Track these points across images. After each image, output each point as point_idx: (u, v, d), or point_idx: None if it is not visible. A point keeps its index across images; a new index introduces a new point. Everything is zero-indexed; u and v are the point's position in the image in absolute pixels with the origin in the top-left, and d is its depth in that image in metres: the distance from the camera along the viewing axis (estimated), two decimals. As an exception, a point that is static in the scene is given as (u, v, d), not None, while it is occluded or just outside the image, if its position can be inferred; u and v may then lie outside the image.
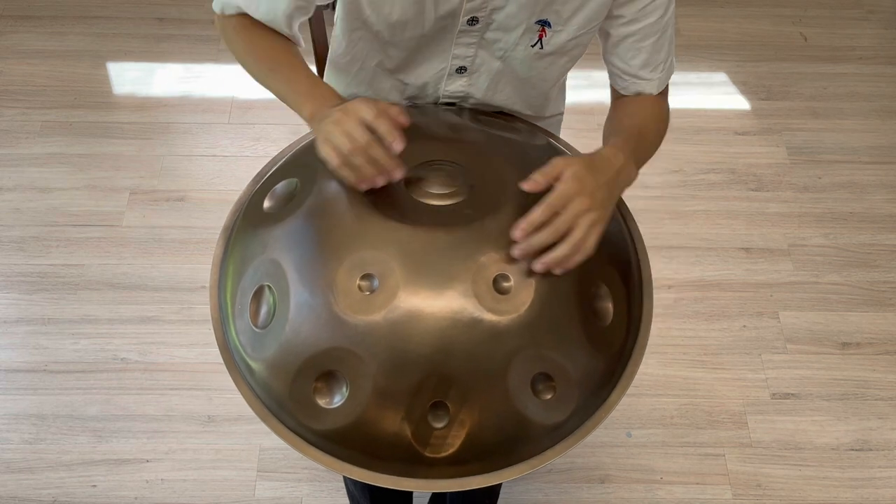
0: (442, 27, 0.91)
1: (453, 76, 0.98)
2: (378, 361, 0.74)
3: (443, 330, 0.74)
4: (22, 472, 1.58)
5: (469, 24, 0.90)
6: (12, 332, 1.76)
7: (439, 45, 0.94)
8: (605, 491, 1.59)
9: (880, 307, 1.85)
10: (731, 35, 2.43)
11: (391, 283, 0.75)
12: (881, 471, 1.63)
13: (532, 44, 0.93)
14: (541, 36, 0.92)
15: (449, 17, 0.89)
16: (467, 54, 0.94)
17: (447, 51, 0.94)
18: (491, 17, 0.90)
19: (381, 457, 0.76)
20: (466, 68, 0.96)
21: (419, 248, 0.77)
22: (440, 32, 0.92)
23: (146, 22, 2.39)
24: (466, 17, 0.89)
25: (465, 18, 0.89)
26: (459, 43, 0.93)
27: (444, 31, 0.91)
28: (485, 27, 0.91)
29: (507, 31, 0.91)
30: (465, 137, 0.94)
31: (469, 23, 0.90)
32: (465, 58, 0.95)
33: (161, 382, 1.69)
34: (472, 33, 0.92)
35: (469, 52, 0.94)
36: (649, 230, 1.95)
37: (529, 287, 0.76)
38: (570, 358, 0.78)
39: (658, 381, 1.73)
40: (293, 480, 1.58)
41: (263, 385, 0.80)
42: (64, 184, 2.00)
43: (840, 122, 2.21)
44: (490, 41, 0.93)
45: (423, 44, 0.93)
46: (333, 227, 0.80)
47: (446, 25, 0.90)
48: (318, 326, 0.76)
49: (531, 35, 0.92)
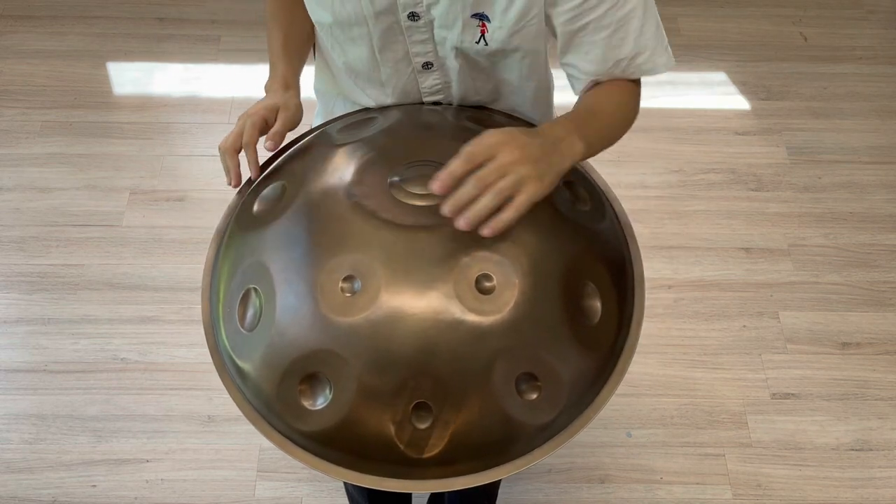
0: (388, 25, 0.92)
1: (423, 72, 0.98)
2: (361, 363, 0.74)
3: (425, 331, 0.74)
4: (22, 472, 1.58)
5: (410, 19, 0.90)
6: (12, 332, 1.76)
7: (395, 44, 0.94)
8: (605, 491, 1.59)
9: (880, 307, 1.85)
10: (731, 35, 2.43)
11: (373, 285, 0.75)
12: (881, 471, 1.63)
13: (476, 40, 0.92)
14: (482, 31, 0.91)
15: (389, 14, 0.90)
16: (426, 50, 0.95)
17: (406, 50, 0.95)
18: (430, 14, 0.90)
19: (367, 457, 0.76)
20: (432, 63, 0.97)
21: (401, 249, 0.77)
22: (388, 31, 0.92)
23: (146, 22, 2.39)
24: (405, 12, 0.90)
25: (405, 14, 0.90)
26: (413, 41, 0.93)
27: (392, 30, 0.92)
28: (429, 23, 0.91)
29: (449, 28, 0.91)
30: (449, 136, 0.94)
31: (410, 18, 0.90)
32: (425, 54, 0.95)
33: (161, 382, 1.69)
34: (420, 30, 0.92)
35: (427, 48, 0.94)
36: (649, 230, 1.98)
37: (513, 287, 0.76)
38: (556, 357, 0.78)
39: (658, 381, 1.73)
40: (293, 480, 1.58)
41: (253, 387, 0.80)
42: (64, 184, 2.00)
43: (840, 122, 2.21)
44: (441, 39, 0.93)
45: (379, 44, 0.94)
46: (317, 230, 0.81)
47: (390, 24, 0.91)
48: (302, 328, 0.77)
49: (472, 30, 0.91)
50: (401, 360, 0.74)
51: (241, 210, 0.91)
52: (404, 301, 0.75)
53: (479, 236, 0.74)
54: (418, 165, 0.85)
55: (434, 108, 1.01)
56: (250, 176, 0.93)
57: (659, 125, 2.18)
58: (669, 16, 2.46)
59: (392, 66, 0.97)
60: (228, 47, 2.33)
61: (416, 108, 1.01)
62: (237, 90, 2.22)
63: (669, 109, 2.23)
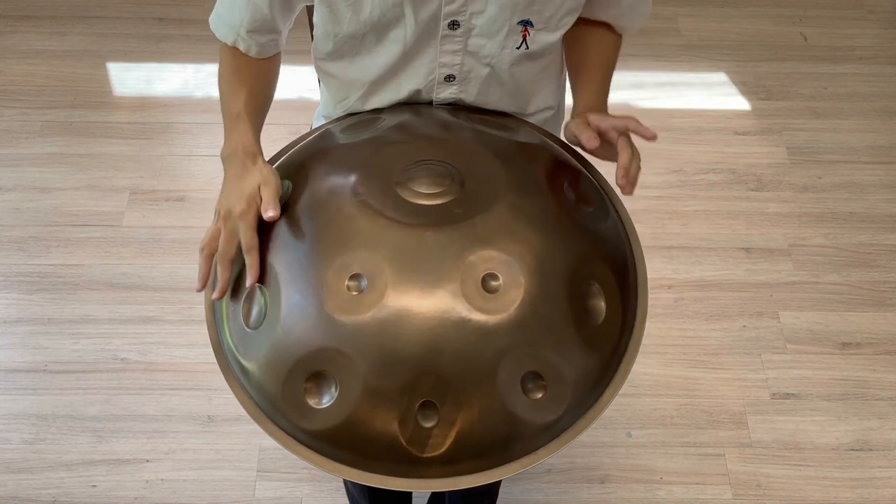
0: (424, 32, 0.90)
1: (443, 84, 0.97)
2: (367, 361, 0.74)
3: (431, 329, 0.74)
4: (22, 472, 1.58)
5: (451, 27, 0.90)
6: (12, 332, 1.76)
7: (424, 51, 0.93)
8: (605, 491, 1.59)
9: (880, 307, 1.85)
10: (731, 35, 2.43)
11: (380, 283, 0.75)
12: (881, 471, 1.63)
13: (517, 46, 0.92)
14: (524, 36, 0.91)
15: (430, 21, 0.89)
16: (454, 62, 0.94)
17: (434, 59, 0.94)
18: (472, 23, 0.89)
19: (371, 456, 0.76)
20: (455, 76, 0.96)
21: (408, 247, 0.77)
22: (423, 38, 0.91)
23: (146, 22, 2.39)
24: (447, 20, 0.89)
25: (446, 22, 0.89)
26: (444, 51, 0.92)
27: (427, 36, 0.91)
28: (467, 32, 0.90)
29: (490, 37, 0.91)
30: (456, 136, 0.94)
31: (450, 27, 0.89)
32: (452, 66, 0.94)
33: (161, 382, 1.69)
34: (455, 39, 0.91)
35: (455, 59, 0.94)
36: (649, 230, 1.98)
37: (519, 286, 0.76)
38: (561, 357, 0.78)
39: (658, 381, 1.73)
40: (293, 480, 1.58)
41: (256, 386, 0.80)
42: (64, 184, 2.00)
43: (840, 122, 2.21)
44: (475, 48, 0.92)
45: (407, 51, 0.93)
46: (323, 228, 0.80)
47: (429, 30, 0.90)
48: (307, 327, 0.76)
49: (515, 37, 0.91)
50: (407, 359, 0.74)
51: None
52: (411, 300, 0.75)
53: (485, 235, 0.75)
54: (424, 164, 0.84)
55: (442, 108, 1.01)
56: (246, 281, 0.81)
57: (659, 125, 2.18)
58: (669, 16, 2.46)
59: (414, 72, 0.96)
60: (228, 47, 2.33)
61: (421, 107, 1.01)
62: (237, 90, 2.22)
63: (669, 109, 2.23)
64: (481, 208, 0.80)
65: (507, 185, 0.82)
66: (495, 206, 0.80)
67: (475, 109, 1.02)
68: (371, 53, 0.95)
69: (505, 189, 0.81)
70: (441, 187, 0.82)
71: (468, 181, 0.83)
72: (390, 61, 0.95)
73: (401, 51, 0.93)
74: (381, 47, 0.94)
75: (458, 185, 0.83)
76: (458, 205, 0.81)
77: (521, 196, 0.82)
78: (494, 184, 0.83)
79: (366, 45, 0.94)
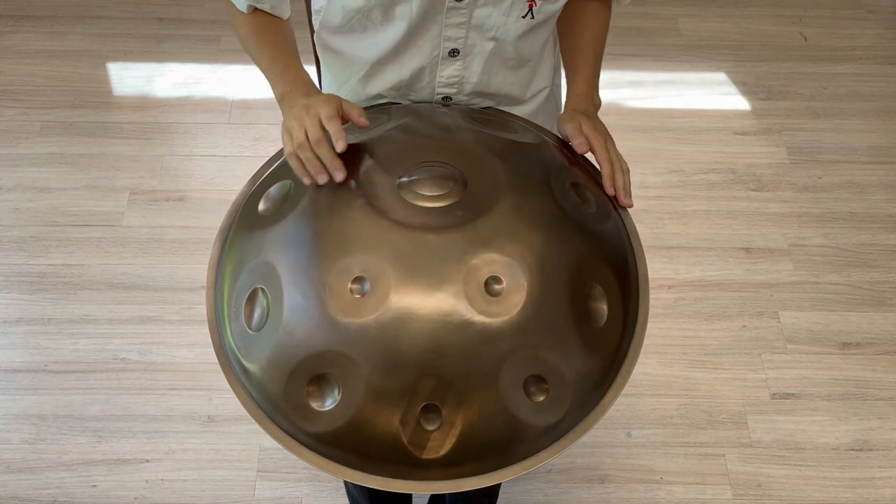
0: (430, 5, 0.91)
1: (447, 60, 0.98)
2: (370, 364, 0.74)
3: (434, 332, 0.74)
4: (22, 472, 1.58)
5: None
6: (12, 332, 1.76)
7: (429, 28, 0.94)
8: (605, 491, 1.59)
9: (880, 307, 1.85)
10: (731, 35, 2.43)
11: (383, 286, 0.75)
12: (881, 471, 1.63)
13: (523, 14, 0.93)
14: (531, 6, 0.92)
15: None
16: (458, 35, 0.94)
17: (438, 35, 0.94)
18: None
19: (374, 458, 0.76)
20: (459, 51, 0.96)
21: (411, 250, 0.77)
22: (429, 12, 0.92)
23: (146, 22, 2.39)
24: None
25: None
26: (449, 24, 0.93)
27: (433, 10, 0.91)
28: (473, 3, 0.91)
29: (495, 5, 0.91)
30: (458, 138, 0.94)
31: None
32: (456, 39, 0.95)
33: (161, 382, 1.69)
34: (460, 11, 0.91)
35: (460, 32, 0.94)
36: (649, 230, 1.98)
37: (521, 289, 0.76)
38: (563, 359, 0.78)
39: (658, 381, 1.73)
40: (293, 480, 1.58)
41: (258, 387, 0.80)
42: (64, 184, 2.00)
43: (840, 122, 2.21)
44: (479, 21, 0.93)
45: (415, 23, 0.93)
46: (326, 230, 0.80)
47: (434, 3, 0.91)
48: (310, 329, 0.76)
49: (521, 5, 0.92)
50: (410, 362, 0.74)
51: (246, 208, 0.90)
52: (413, 302, 0.75)
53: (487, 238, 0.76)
54: (427, 166, 0.84)
55: (443, 110, 1.01)
56: (337, 146, 0.82)
57: (659, 125, 2.18)
58: (669, 16, 2.46)
59: (418, 49, 0.97)
60: (228, 47, 2.33)
61: (424, 108, 1.01)
62: (237, 90, 2.22)
63: (669, 109, 2.23)
64: (483, 210, 0.80)
65: (508, 187, 0.82)
66: (497, 208, 0.80)
67: (476, 109, 1.02)
68: (377, 30, 0.96)
69: (507, 190, 0.81)
70: (443, 189, 0.82)
71: (470, 183, 0.83)
72: (396, 39, 0.95)
73: (406, 27, 0.93)
74: (386, 24, 0.94)
75: (460, 187, 0.82)
76: (461, 207, 0.81)
77: (522, 197, 0.82)
78: (496, 185, 0.83)
79: (372, 20, 0.95)
